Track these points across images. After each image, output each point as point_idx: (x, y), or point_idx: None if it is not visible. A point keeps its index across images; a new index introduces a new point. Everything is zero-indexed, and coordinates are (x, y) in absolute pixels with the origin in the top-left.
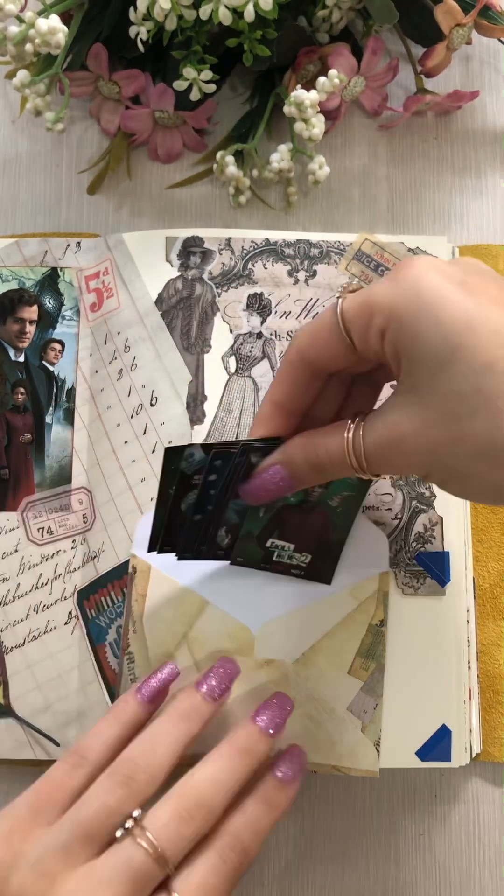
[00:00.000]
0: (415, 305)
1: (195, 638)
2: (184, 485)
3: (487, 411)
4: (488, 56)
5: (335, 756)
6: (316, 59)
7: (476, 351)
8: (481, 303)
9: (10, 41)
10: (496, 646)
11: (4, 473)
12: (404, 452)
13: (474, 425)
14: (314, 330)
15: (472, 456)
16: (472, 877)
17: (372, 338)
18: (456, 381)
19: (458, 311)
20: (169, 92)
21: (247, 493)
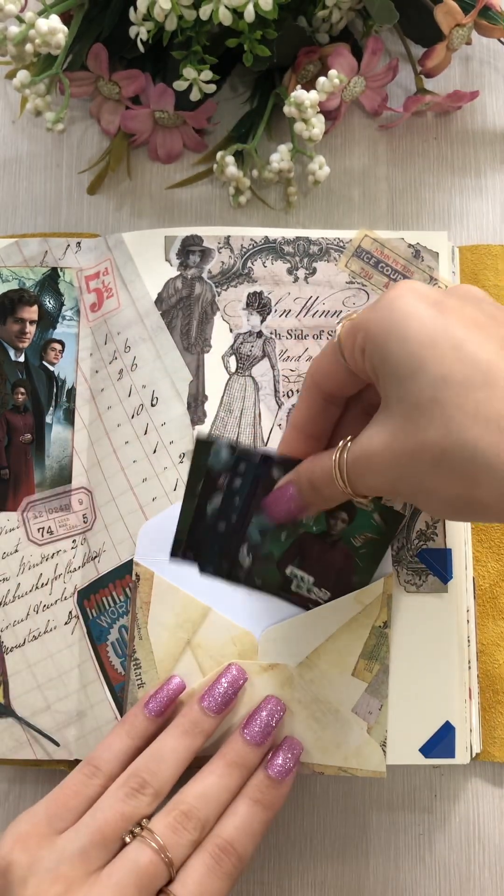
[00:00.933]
0: (386, 323)
1: (199, 644)
2: (209, 484)
3: (441, 420)
4: (488, 56)
5: (341, 757)
6: (316, 59)
7: (435, 363)
8: (449, 320)
9: (11, 41)
10: (496, 646)
11: (4, 473)
12: (374, 468)
13: (429, 434)
14: (322, 355)
15: (429, 466)
16: (472, 877)
17: (357, 356)
18: (416, 392)
19: (425, 328)
20: (169, 92)
21: (266, 507)
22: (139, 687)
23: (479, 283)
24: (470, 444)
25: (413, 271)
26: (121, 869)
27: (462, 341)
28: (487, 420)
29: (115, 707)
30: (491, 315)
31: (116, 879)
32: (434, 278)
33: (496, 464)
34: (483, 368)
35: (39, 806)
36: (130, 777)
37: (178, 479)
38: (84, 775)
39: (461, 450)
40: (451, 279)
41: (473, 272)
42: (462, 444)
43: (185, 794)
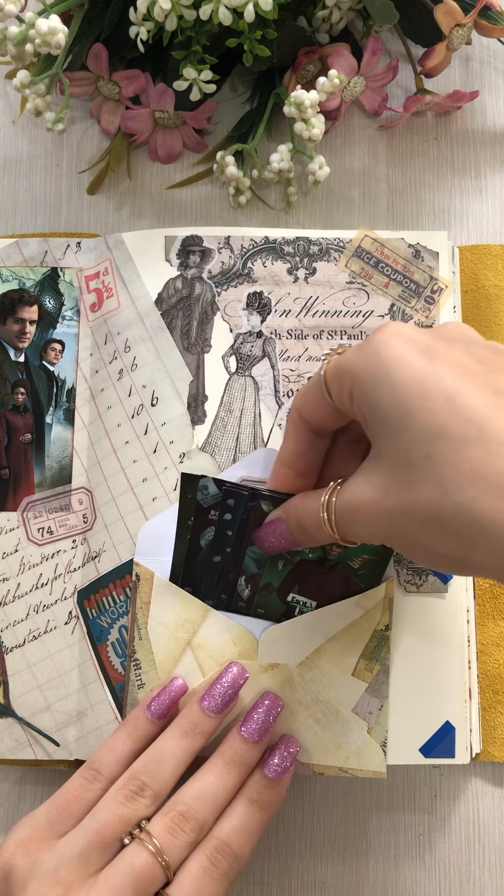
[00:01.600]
0: (374, 370)
1: (199, 644)
2: (201, 518)
3: (435, 478)
4: (488, 56)
5: (342, 758)
6: (316, 59)
7: (427, 416)
8: (439, 368)
9: (11, 41)
10: (496, 646)
11: (4, 473)
12: (364, 519)
13: (423, 492)
14: (307, 390)
15: (422, 524)
16: (472, 877)
17: (345, 400)
18: (408, 446)
19: (414, 376)
20: (169, 92)
21: (257, 539)
22: (139, 688)
23: (479, 282)
24: (466, 506)
25: (413, 271)
26: (118, 872)
27: (454, 393)
28: (485, 480)
29: (115, 707)
30: (481, 360)
31: (113, 882)
32: (434, 278)
33: (493, 526)
34: (477, 423)
35: (40, 810)
36: (129, 780)
37: (177, 479)
38: (85, 779)
39: (457, 511)
40: (451, 279)
41: (473, 272)
42: (458, 506)
43: (183, 795)
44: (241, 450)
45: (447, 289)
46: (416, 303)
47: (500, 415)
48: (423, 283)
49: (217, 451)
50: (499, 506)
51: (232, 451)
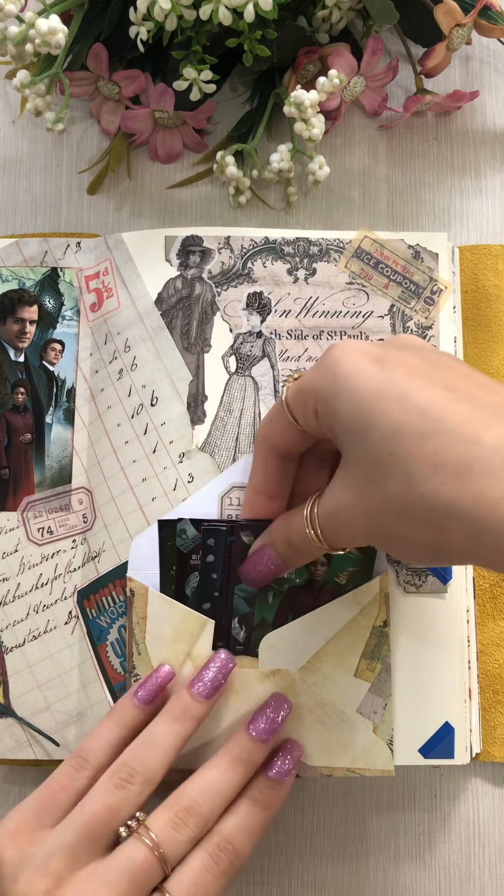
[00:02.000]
0: (332, 384)
1: (199, 654)
2: (183, 565)
3: (401, 472)
4: (488, 56)
5: (349, 758)
6: (316, 59)
7: (385, 416)
8: (392, 373)
9: (11, 41)
10: (496, 646)
11: (4, 473)
12: (345, 522)
13: (391, 487)
14: (270, 418)
15: (394, 517)
16: (472, 877)
17: (310, 419)
18: (371, 447)
19: (369, 382)
20: (169, 92)
21: (244, 574)
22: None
23: (479, 282)
24: (431, 494)
25: (413, 272)
26: (115, 867)
27: (406, 391)
28: (445, 467)
29: None
30: (432, 361)
31: (109, 877)
32: (434, 279)
33: (459, 509)
34: (432, 416)
35: (27, 802)
36: (120, 768)
37: (177, 479)
38: (72, 768)
39: (423, 500)
40: (451, 279)
41: (473, 272)
42: (424, 494)
43: (188, 789)
44: (241, 450)
45: (447, 290)
46: (415, 303)
47: (452, 406)
48: (422, 283)
49: (217, 450)
50: (461, 488)
51: (231, 451)
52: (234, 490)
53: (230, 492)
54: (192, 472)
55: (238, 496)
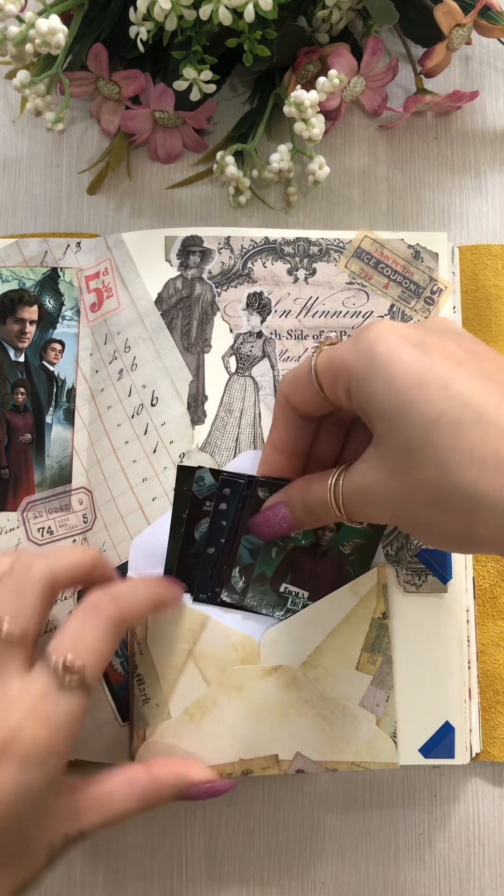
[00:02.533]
0: (369, 366)
1: (201, 653)
2: (195, 510)
3: (436, 462)
4: (488, 56)
5: (352, 752)
6: (316, 59)
7: (425, 404)
8: (433, 359)
9: (11, 41)
10: (496, 646)
11: (4, 473)
12: (371, 501)
13: (425, 475)
14: (295, 378)
15: (426, 505)
16: (472, 877)
17: (340, 394)
18: (408, 433)
19: (410, 368)
20: (169, 92)
21: (254, 526)
22: (144, 702)
23: (479, 282)
24: (468, 486)
25: (413, 272)
26: None
27: (448, 380)
28: (484, 460)
29: (114, 707)
30: (471, 350)
31: None
32: (434, 279)
33: (494, 502)
34: (474, 407)
35: None
36: None
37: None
38: None
39: (458, 490)
40: (451, 279)
41: (473, 272)
42: (459, 486)
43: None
44: (241, 450)
45: (447, 289)
46: (415, 303)
47: (494, 398)
48: (422, 283)
49: (217, 451)
50: (499, 481)
51: (232, 451)
52: None
53: None
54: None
55: None
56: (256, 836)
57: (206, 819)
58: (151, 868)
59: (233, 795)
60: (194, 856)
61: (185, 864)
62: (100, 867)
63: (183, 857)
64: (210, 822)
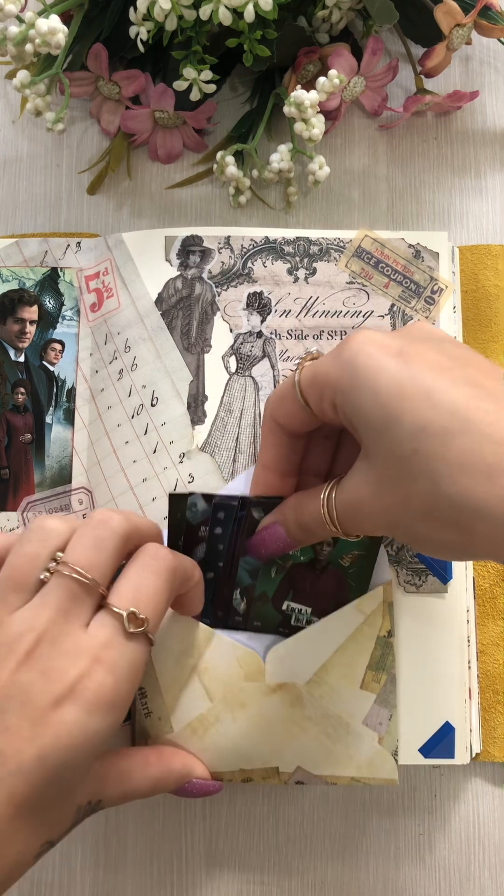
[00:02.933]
0: (352, 378)
1: (205, 669)
2: (191, 537)
3: (426, 473)
4: (488, 56)
5: (353, 768)
6: (316, 59)
7: (410, 414)
8: (414, 368)
9: (11, 41)
10: (496, 646)
11: (4, 473)
12: (365, 515)
13: (416, 487)
14: (280, 397)
15: (420, 517)
16: (472, 877)
17: (326, 408)
18: (395, 445)
19: (392, 378)
20: (169, 92)
21: (251, 547)
22: (146, 716)
23: (479, 282)
24: (459, 496)
25: (413, 272)
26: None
27: (432, 389)
28: (473, 468)
29: None
30: (454, 356)
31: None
32: (434, 278)
33: (488, 510)
34: (459, 415)
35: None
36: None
37: (177, 479)
38: None
39: (451, 501)
40: (451, 279)
41: (473, 272)
42: (451, 496)
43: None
44: (241, 450)
45: (447, 289)
46: (416, 303)
47: (479, 405)
48: (423, 283)
49: (217, 451)
50: (490, 490)
51: (232, 451)
52: None
53: None
54: (193, 472)
55: None
56: (256, 837)
57: (206, 819)
58: (152, 867)
59: (233, 795)
60: (194, 855)
61: (184, 863)
62: (99, 866)
63: (183, 857)
64: (210, 822)
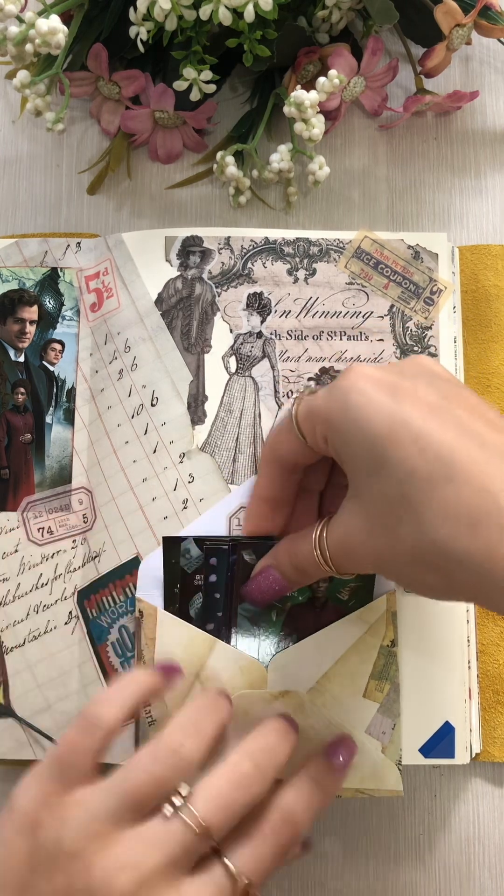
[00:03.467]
0: (344, 415)
1: (208, 676)
2: (187, 585)
3: (412, 519)
4: (488, 56)
5: (357, 779)
6: (316, 59)
7: (398, 459)
8: (405, 408)
9: (11, 41)
10: (496, 646)
11: (4, 473)
12: (357, 557)
13: (403, 532)
14: (279, 430)
15: (407, 561)
16: (472, 877)
17: (319, 442)
18: (384, 488)
19: (382, 418)
20: (169, 92)
21: (248, 594)
22: (150, 724)
23: (479, 282)
24: (443, 544)
25: (412, 272)
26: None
27: (420, 432)
28: (457, 518)
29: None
30: (445, 394)
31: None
32: (433, 279)
33: (468, 561)
34: (446, 461)
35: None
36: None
37: (177, 479)
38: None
39: (435, 549)
40: (451, 280)
41: (473, 272)
42: (435, 544)
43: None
44: (241, 450)
45: (446, 290)
46: (415, 304)
47: (465, 451)
48: (422, 284)
49: (217, 451)
50: (472, 540)
51: (232, 451)
52: (243, 510)
53: (238, 512)
54: (193, 472)
55: None
56: None
57: None
58: None
59: None
60: None
61: None
62: None
63: None
64: None
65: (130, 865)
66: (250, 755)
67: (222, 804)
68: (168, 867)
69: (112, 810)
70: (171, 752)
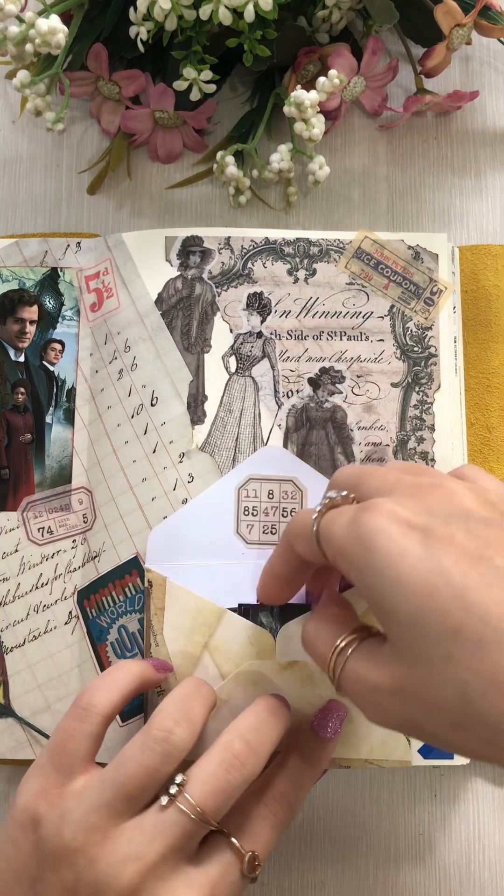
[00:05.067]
0: (368, 559)
1: (216, 646)
2: None
3: (457, 683)
4: (488, 56)
5: (366, 750)
6: (316, 59)
7: (440, 615)
8: (442, 559)
9: (11, 41)
10: None
11: (4, 473)
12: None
13: (447, 694)
14: (300, 527)
15: (447, 726)
16: (472, 877)
17: (342, 570)
18: (425, 643)
19: (417, 570)
20: (169, 92)
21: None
22: (157, 694)
23: (479, 282)
24: (494, 716)
25: (413, 273)
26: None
27: (463, 589)
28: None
29: None
30: (484, 542)
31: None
32: (433, 279)
33: None
34: (493, 624)
35: (43, 759)
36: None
37: (177, 479)
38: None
39: (484, 721)
40: (451, 280)
41: (473, 272)
42: (485, 715)
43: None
44: (241, 450)
45: (447, 290)
46: (415, 304)
47: None
48: (422, 284)
49: (216, 451)
50: None
51: (231, 451)
52: (252, 482)
53: (247, 483)
54: (192, 472)
55: (255, 487)
56: None
57: None
58: None
59: None
60: None
61: None
62: None
63: None
64: None
65: (134, 857)
66: (241, 735)
67: (217, 788)
68: (171, 855)
69: (108, 802)
70: (160, 740)
